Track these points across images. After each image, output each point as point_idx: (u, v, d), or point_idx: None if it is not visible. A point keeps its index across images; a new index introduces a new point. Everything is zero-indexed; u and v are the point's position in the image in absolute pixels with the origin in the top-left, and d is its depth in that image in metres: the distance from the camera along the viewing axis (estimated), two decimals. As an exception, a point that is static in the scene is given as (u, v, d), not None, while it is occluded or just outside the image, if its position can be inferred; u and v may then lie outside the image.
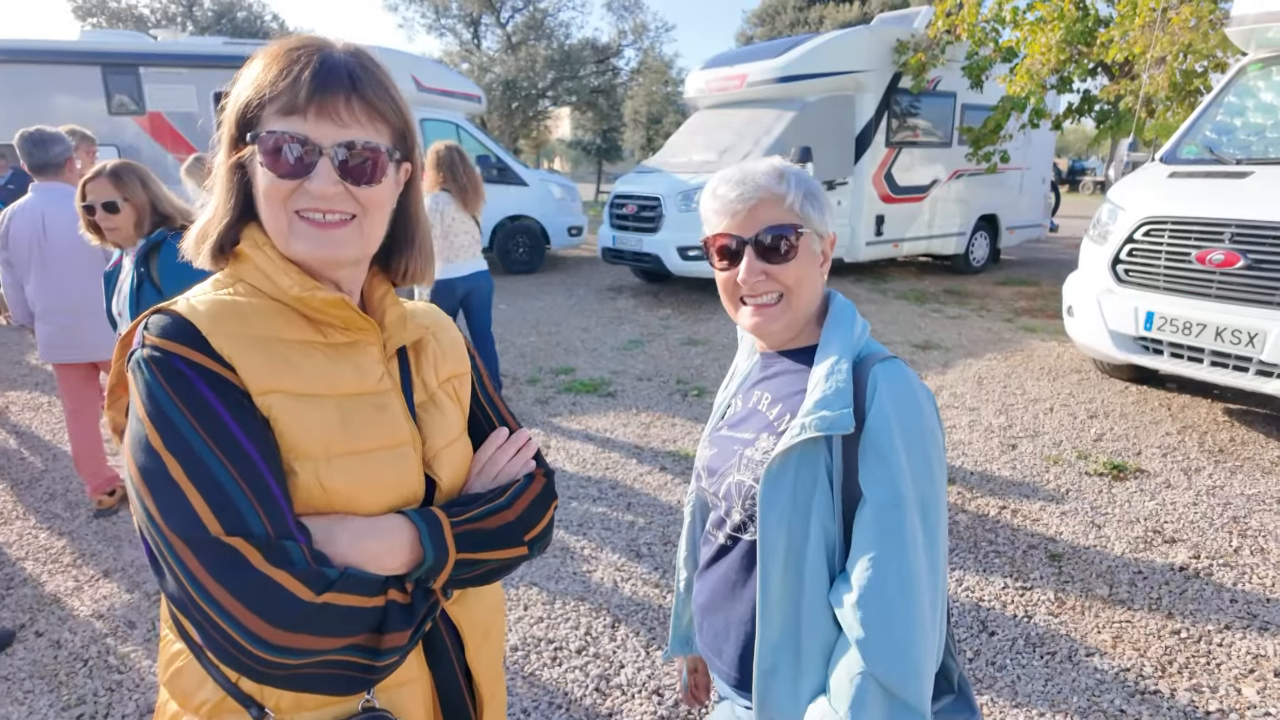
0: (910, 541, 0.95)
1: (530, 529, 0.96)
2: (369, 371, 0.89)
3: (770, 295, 1.09)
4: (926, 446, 0.99)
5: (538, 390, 5.47)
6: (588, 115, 28.41)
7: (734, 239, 1.08)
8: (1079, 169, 36.13)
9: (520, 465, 1.01)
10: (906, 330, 7.12)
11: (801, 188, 1.08)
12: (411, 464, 0.90)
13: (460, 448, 0.98)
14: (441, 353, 1.02)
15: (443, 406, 0.98)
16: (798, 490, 1.01)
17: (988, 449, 4.34)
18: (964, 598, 2.93)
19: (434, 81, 10.39)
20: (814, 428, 0.98)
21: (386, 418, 0.88)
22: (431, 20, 26.06)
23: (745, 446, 1.12)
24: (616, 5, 26.74)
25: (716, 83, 9.77)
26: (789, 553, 1.01)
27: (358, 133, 0.82)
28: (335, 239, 0.84)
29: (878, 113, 9.25)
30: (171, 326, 0.77)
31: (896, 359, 1.06)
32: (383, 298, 0.95)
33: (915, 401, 1.01)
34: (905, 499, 0.95)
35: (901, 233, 9.85)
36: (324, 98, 0.80)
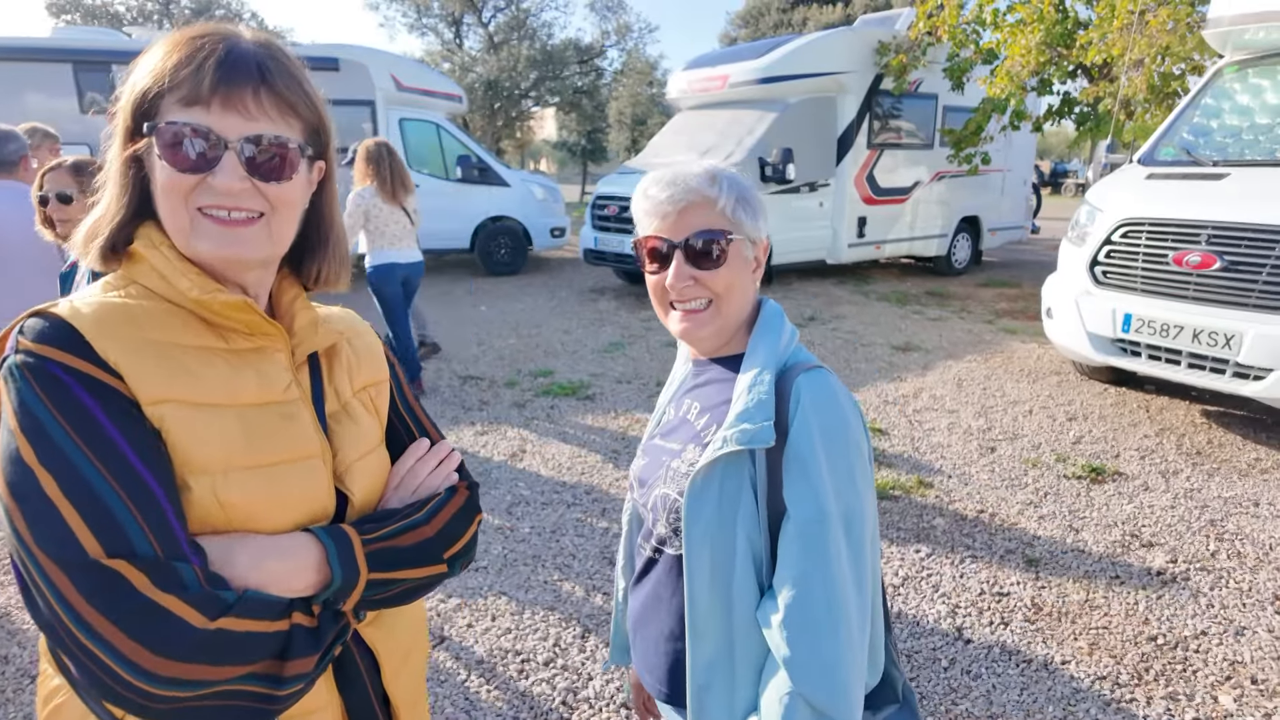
0: (834, 558, 0.93)
1: (451, 545, 0.91)
2: (275, 379, 0.83)
3: (699, 301, 1.07)
4: (851, 458, 0.98)
5: (515, 393, 5.40)
6: (572, 116, 28.33)
7: (664, 242, 1.05)
8: (1061, 171, 36.41)
9: (441, 478, 0.96)
10: (887, 332, 7.10)
11: (734, 192, 1.05)
12: (320, 478, 0.84)
13: (376, 460, 0.93)
14: (356, 360, 0.97)
15: (356, 416, 0.92)
16: (722, 504, 0.99)
17: (966, 452, 4.31)
18: (939, 604, 2.89)
19: (413, 81, 10.29)
20: (735, 441, 0.97)
21: (293, 429, 0.83)
22: (413, 20, 25.88)
23: (672, 458, 1.10)
24: (599, 5, 26.72)
25: (699, 84, 9.73)
26: (715, 568, 1.00)
27: (266, 126, 0.78)
28: (241, 238, 0.78)
29: (859, 114, 9.24)
30: (49, 330, 0.71)
31: (822, 368, 1.04)
32: (292, 301, 0.90)
33: (839, 412, 0.99)
34: (828, 514, 0.94)
35: (884, 234, 9.85)
36: (230, 88, 0.75)
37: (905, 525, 3.49)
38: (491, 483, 3.97)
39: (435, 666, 2.54)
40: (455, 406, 5.12)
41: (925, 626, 2.77)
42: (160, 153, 0.74)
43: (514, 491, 3.86)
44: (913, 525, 3.49)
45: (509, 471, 4.10)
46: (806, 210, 9.05)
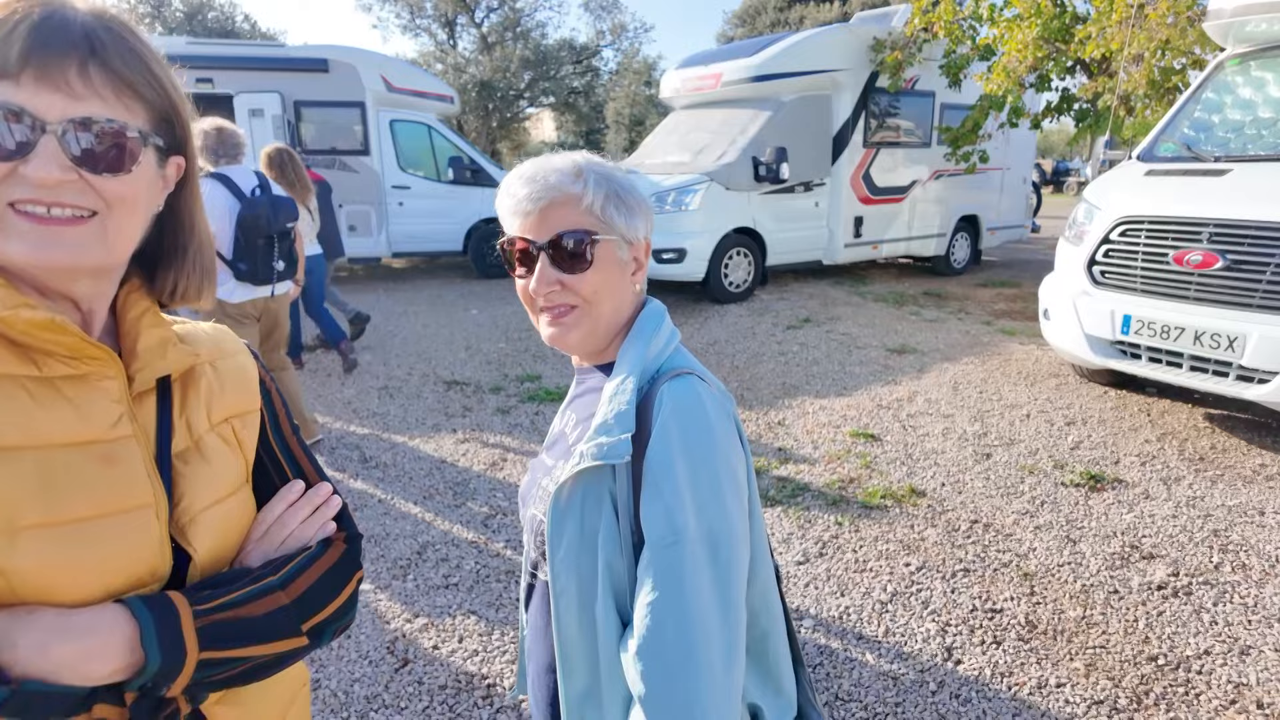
0: (690, 583, 0.84)
1: (314, 613, 0.78)
2: (97, 414, 0.69)
3: (562, 306, 0.98)
4: (716, 471, 0.88)
5: (500, 399, 5.27)
6: (568, 117, 28.20)
7: (528, 243, 0.96)
8: (1064, 170, 36.18)
9: (314, 529, 0.83)
10: (882, 334, 6.97)
11: (603, 188, 0.96)
12: (148, 533, 0.70)
13: (234, 508, 0.79)
14: (219, 386, 0.83)
15: (211, 455, 0.79)
16: (584, 525, 0.91)
17: (961, 458, 4.18)
18: (929, 622, 2.75)
19: (404, 82, 10.17)
20: (591, 456, 0.89)
21: (115, 474, 0.69)
22: (406, 21, 25.75)
23: (544, 474, 1.02)
24: (594, 5, 26.56)
25: (692, 82, 9.60)
26: (581, 595, 0.92)
27: (98, 108, 0.65)
28: (63, 240, 0.65)
29: (855, 112, 9.10)
30: None
31: (690, 374, 0.94)
32: (139, 318, 0.76)
33: (702, 420, 0.90)
34: (683, 533, 0.85)
35: (881, 234, 9.71)
36: (48, 59, 0.63)
37: (895, 537, 3.35)
38: (469, 493, 3.84)
39: (396, 693, 2.41)
40: (437, 413, 5.00)
41: (913, 647, 2.63)
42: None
43: (491, 503, 3.73)
44: (903, 537, 3.35)
45: (487, 482, 3.97)
46: (801, 210, 8.91)
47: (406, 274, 10.95)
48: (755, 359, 6.21)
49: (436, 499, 3.78)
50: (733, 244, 8.24)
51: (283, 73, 9.39)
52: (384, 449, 4.40)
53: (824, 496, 3.73)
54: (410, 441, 4.52)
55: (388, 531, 3.45)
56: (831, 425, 4.70)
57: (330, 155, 9.64)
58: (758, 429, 4.67)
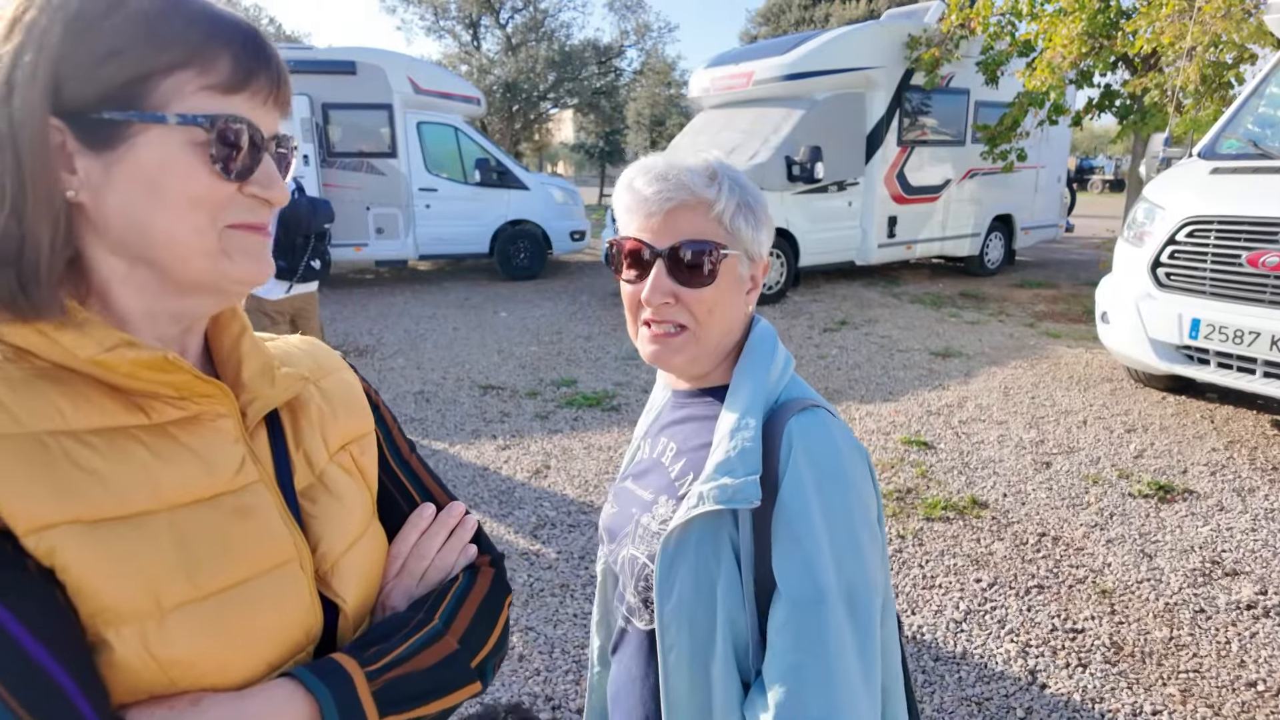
0: (835, 646, 0.76)
1: (479, 649, 0.69)
2: (221, 459, 0.60)
3: (671, 325, 0.89)
4: (853, 520, 0.81)
5: (537, 404, 5.18)
6: (590, 118, 28.15)
7: (645, 247, 0.87)
8: (1088, 168, 35.73)
9: (454, 555, 0.74)
10: (924, 337, 6.81)
11: (736, 195, 0.87)
12: (298, 590, 0.61)
13: (369, 546, 0.70)
14: (330, 409, 0.73)
15: (338, 489, 0.69)
16: (699, 573, 0.82)
17: (1020, 467, 4.03)
18: (1008, 643, 2.63)
19: (431, 84, 10.12)
20: (712, 499, 0.80)
21: (253, 528, 0.60)
22: (430, 22, 25.79)
23: (643, 511, 0.92)
24: (618, 5, 26.47)
25: (722, 81, 9.49)
26: (695, 649, 0.83)
27: (284, 123, 0.63)
28: (267, 254, 0.63)
29: (889, 110, 8.95)
30: None
31: (819, 408, 0.86)
32: (237, 342, 0.66)
33: (838, 464, 0.82)
34: (826, 592, 0.77)
35: (914, 234, 9.55)
36: (272, 75, 0.59)
37: (962, 551, 3.22)
38: (515, 502, 3.75)
39: (462, 714, 2.32)
40: (475, 419, 4.92)
41: (995, 669, 2.50)
42: (214, 153, 0.55)
43: (539, 513, 3.64)
44: (970, 551, 3.22)
45: (532, 490, 3.88)
46: (835, 210, 8.78)
47: (433, 276, 10.92)
48: (795, 363, 6.08)
49: (482, 509, 3.70)
50: (765, 245, 8.10)
51: (310, 75, 9.36)
52: (425, 456, 4.32)
53: (883, 508, 3.60)
54: (451, 449, 4.44)
55: (435, 542, 3.36)
56: (881, 432, 4.57)
57: (358, 158, 9.61)
58: (805, 436, 4.55)
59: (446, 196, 10.03)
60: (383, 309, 8.45)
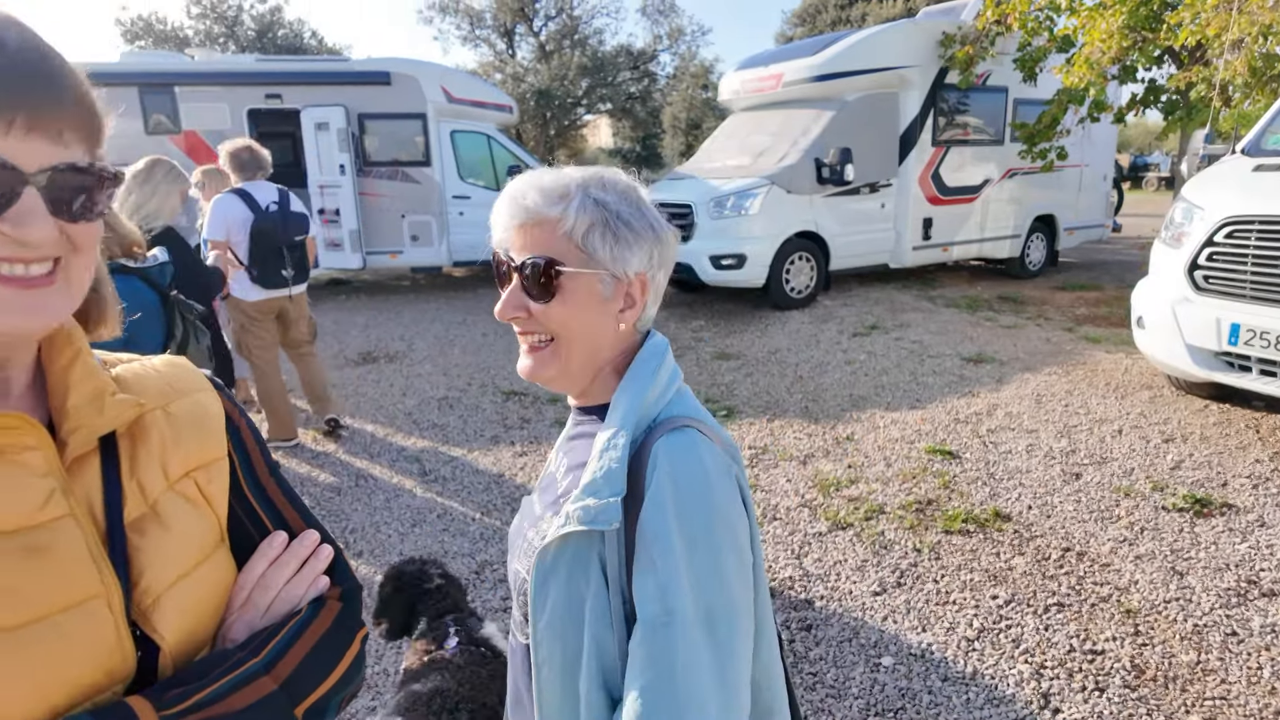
0: (684, 666, 0.75)
1: (308, 692, 0.66)
2: (21, 495, 0.58)
3: (537, 336, 0.90)
4: (716, 540, 0.80)
5: (557, 410, 5.19)
6: (625, 123, 28.20)
7: (503, 261, 0.90)
8: (1142, 165, 34.58)
9: (303, 588, 0.71)
10: (956, 342, 6.64)
11: (591, 214, 0.86)
12: (100, 629, 0.58)
13: (207, 578, 0.68)
14: (174, 435, 0.70)
15: (171, 519, 0.67)
16: (570, 591, 0.82)
17: (1048, 478, 3.89)
18: (1022, 664, 2.53)
19: (465, 93, 10.25)
20: (576, 520, 0.80)
21: (47, 567, 0.57)
22: (466, 32, 26.16)
23: (530, 524, 0.93)
24: (651, 10, 26.49)
25: (752, 84, 9.41)
26: (565, 666, 0.83)
27: (78, 152, 0.57)
28: (44, 303, 0.57)
29: (923, 110, 8.77)
30: None
31: (689, 428, 0.85)
32: (68, 368, 0.64)
33: (701, 481, 0.81)
34: (678, 613, 0.77)
35: (951, 236, 9.33)
36: (36, 104, 0.54)
37: (980, 566, 3.12)
38: (527, 510, 3.75)
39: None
40: (496, 425, 4.95)
41: (1005, 691, 2.41)
42: None
43: (550, 521, 3.64)
44: (988, 566, 3.12)
45: (546, 498, 3.88)
46: (867, 212, 8.62)
47: (466, 283, 11.04)
48: (820, 368, 5.98)
49: (495, 515, 3.71)
50: (794, 248, 8.01)
51: (347, 86, 9.56)
52: (443, 462, 4.37)
53: (900, 519, 3.51)
54: (469, 455, 4.47)
55: (446, 549, 3.39)
56: (905, 440, 4.46)
57: (393, 167, 9.78)
58: (825, 443, 4.46)
59: (479, 204, 10.14)
60: (416, 315, 8.58)
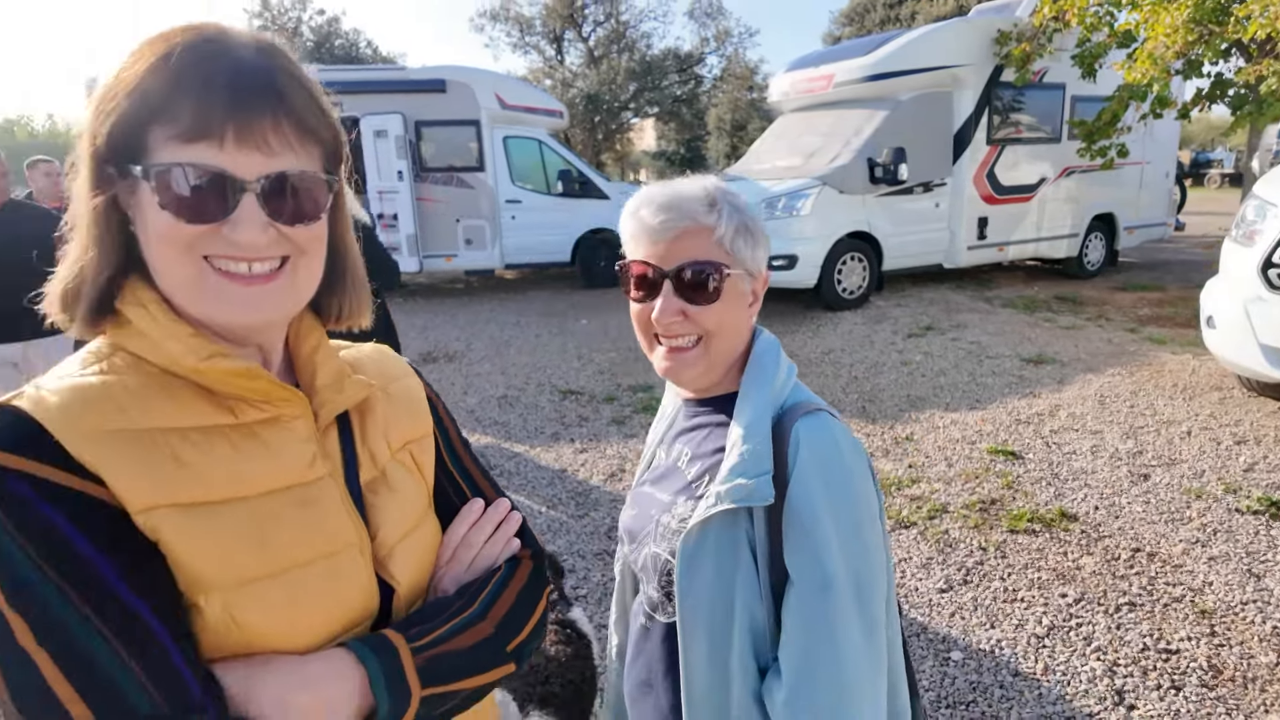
0: (842, 629, 0.84)
1: (515, 635, 0.76)
2: (293, 456, 0.68)
3: (687, 338, 0.96)
4: (858, 514, 0.88)
5: (614, 409, 5.29)
6: (670, 125, 28.28)
7: (653, 269, 0.95)
8: (1203, 161, 33.38)
9: (500, 546, 0.81)
10: (1015, 342, 6.56)
11: (735, 219, 0.95)
12: (358, 572, 0.70)
13: (425, 535, 0.78)
14: (394, 412, 0.81)
15: (397, 484, 0.77)
16: (718, 568, 0.89)
17: (1115, 479, 3.84)
18: (1094, 661, 2.53)
19: (517, 99, 10.46)
20: (729, 499, 0.87)
21: (317, 516, 0.68)
22: (516, 39, 26.58)
23: (662, 511, 0.99)
24: (699, 13, 26.55)
25: (802, 84, 9.41)
26: (713, 640, 0.89)
27: (289, 161, 0.63)
28: (263, 300, 0.65)
29: (978, 109, 8.66)
30: (7, 430, 0.56)
31: (822, 411, 0.93)
32: (313, 352, 0.75)
33: (842, 463, 0.89)
34: (834, 579, 0.84)
35: (1007, 235, 9.19)
36: (246, 119, 0.60)
37: (1047, 565, 3.11)
38: (591, 504, 3.85)
39: (532, 706, 2.42)
40: (555, 423, 5.06)
41: (1078, 687, 2.42)
42: (160, 200, 0.60)
43: (613, 514, 3.73)
44: (1056, 565, 3.11)
45: (608, 493, 3.98)
46: (921, 212, 8.55)
47: (518, 285, 11.24)
48: (875, 369, 5.97)
49: (560, 509, 3.81)
50: (846, 249, 7.99)
51: (404, 94, 9.82)
52: (506, 458, 4.49)
53: (964, 519, 3.51)
54: (531, 451, 4.59)
55: (515, 541, 3.49)
56: (966, 441, 4.44)
57: (448, 172, 10.02)
58: (884, 443, 4.47)
59: (531, 207, 10.33)
60: (471, 317, 8.77)
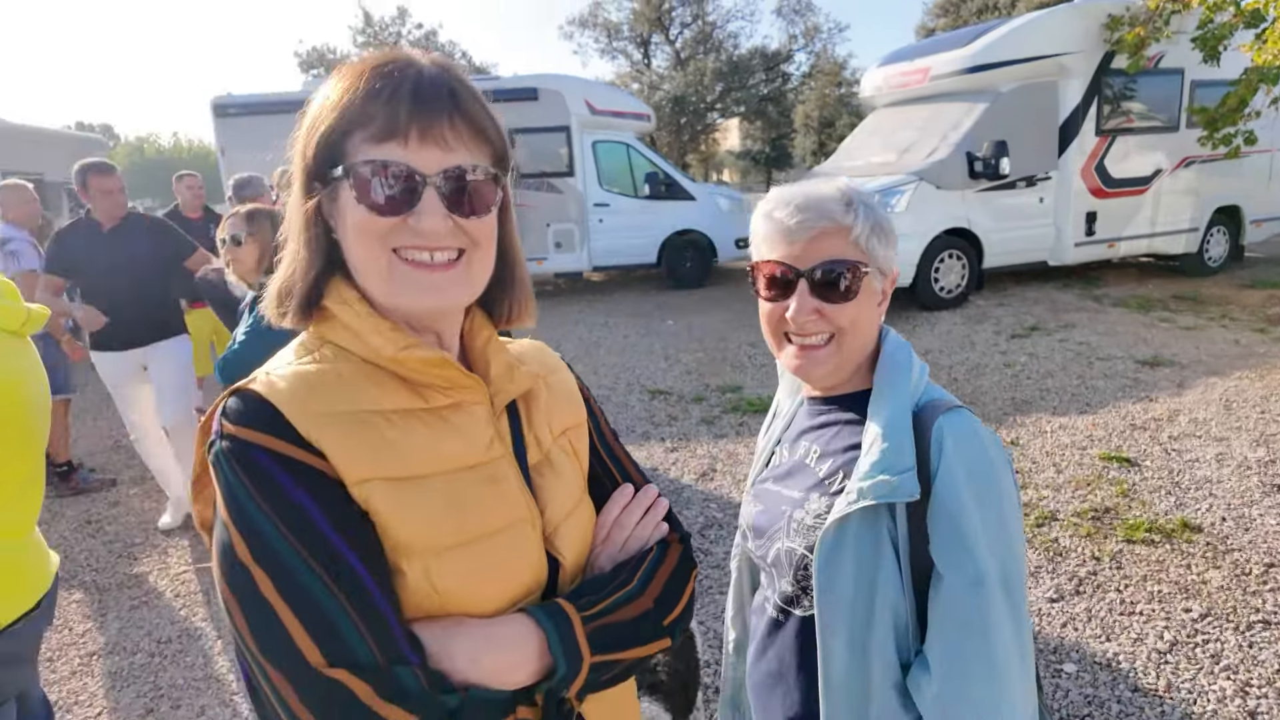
0: (995, 625, 0.84)
1: (670, 611, 0.81)
2: (476, 437, 0.76)
3: (820, 336, 0.98)
4: (1004, 508, 0.88)
5: (703, 409, 5.30)
6: (756, 124, 28.02)
7: (788, 269, 0.97)
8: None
9: (650, 529, 0.86)
10: (1129, 343, 6.20)
11: (870, 218, 0.96)
12: (531, 544, 0.76)
13: (583, 515, 0.84)
14: (554, 401, 0.88)
15: (560, 467, 0.84)
16: (859, 563, 0.90)
17: (1244, 489, 3.59)
18: (1223, 680, 2.37)
19: (606, 104, 10.61)
20: (872, 495, 0.87)
21: (500, 491, 0.75)
22: (604, 45, 26.95)
23: (794, 507, 1.00)
24: (787, 10, 26.20)
25: (896, 79, 9.17)
26: (853, 633, 0.90)
27: (464, 157, 0.70)
28: (444, 285, 0.72)
29: (1086, 98, 8.22)
30: (249, 410, 0.66)
31: (963, 408, 0.93)
32: (485, 345, 0.82)
33: (986, 458, 0.89)
34: (985, 575, 0.84)
35: (1118, 231, 8.67)
36: (427, 118, 0.68)
37: (1168, 578, 2.94)
38: (683, 503, 3.88)
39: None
40: (645, 422, 5.12)
41: (1206, 707, 2.28)
42: (357, 195, 0.68)
43: (706, 513, 3.75)
44: (1178, 578, 2.93)
45: (700, 492, 4.00)
46: (1024, 207, 8.19)
47: (605, 287, 11.40)
48: (976, 371, 5.76)
49: (652, 507, 3.86)
50: (944, 246, 7.74)
51: (498, 103, 9.94)
52: (599, 456, 4.57)
53: (1075, 527, 3.35)
54: (623, 449, 4.65)
55: (609, 537, 3.56)
56: (1076, 446, 4.24)
57: (539, 178, 10.27)
58: (985, 447, 4.31)
59: (618, 210, 10.46)
60: (560, 319, 8.96)
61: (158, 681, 2.73)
